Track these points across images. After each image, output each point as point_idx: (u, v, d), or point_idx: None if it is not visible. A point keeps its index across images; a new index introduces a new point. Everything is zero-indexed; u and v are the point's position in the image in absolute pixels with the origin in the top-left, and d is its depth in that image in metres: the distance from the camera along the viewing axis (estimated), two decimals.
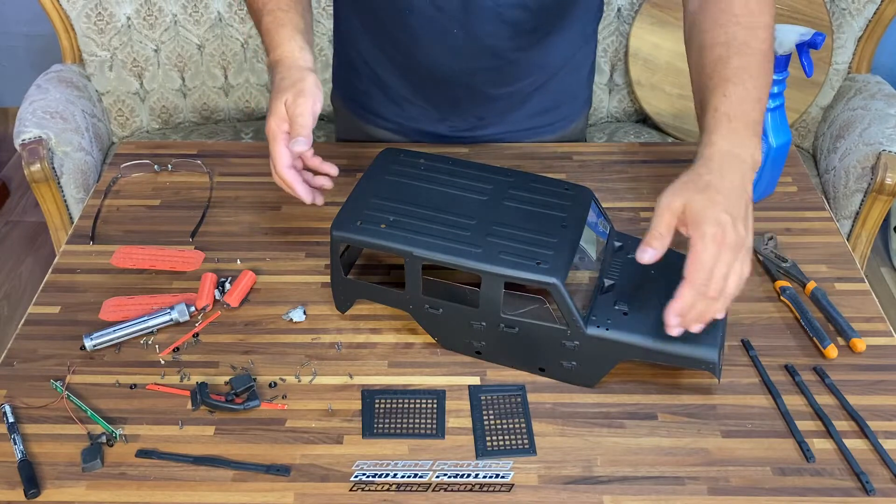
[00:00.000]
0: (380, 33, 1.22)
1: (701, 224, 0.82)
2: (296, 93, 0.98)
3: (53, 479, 0.85)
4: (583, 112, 1.39)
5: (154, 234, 1.17)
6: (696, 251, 0.82)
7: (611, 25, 2.19)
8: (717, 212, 0.82)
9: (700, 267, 0.82)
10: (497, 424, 0.90)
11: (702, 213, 0.82)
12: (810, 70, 1.09)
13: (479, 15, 1.12)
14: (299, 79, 0.99)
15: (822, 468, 0.86)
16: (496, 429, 0.90)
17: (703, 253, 0.81)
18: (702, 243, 0.82)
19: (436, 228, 0.94)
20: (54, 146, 1.92)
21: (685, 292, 0.83)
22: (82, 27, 2.13)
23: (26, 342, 1.01)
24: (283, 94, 0.99)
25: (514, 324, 0.93)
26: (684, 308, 0.83)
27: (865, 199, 1.93)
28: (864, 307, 1.05)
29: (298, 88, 0.98)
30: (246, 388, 0.93)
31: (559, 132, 1.35)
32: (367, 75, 1.28)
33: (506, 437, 0.89)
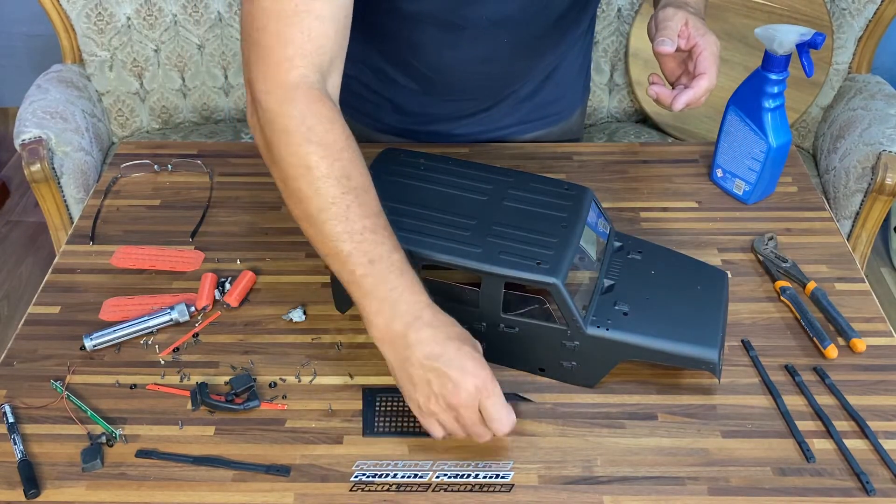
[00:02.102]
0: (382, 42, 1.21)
1: (706, 33, 1.05)
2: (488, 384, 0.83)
3: (53, 480, 0.85)
4: (582, 101, 1.39)
5: (154, 234, 1.17)
6: (710, 49, 1.04)
7: (611, 25, 2.19)
8: (709, 29, 1.06)
9: (715, 60, 1.04)
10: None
11: (702, 25, 1.06)
12: (810, 70, 1.09)
13: (482, 31, 1.12)
14: (470, 335, 0.86)
15: (822, 468, 0.86)
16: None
17: (714, 47, 1.05)
18: (712, 45, 1.04)
19: (436, 228, 0.94)
20: (54, 146, 1.92)
21: (703, 83, 1.04)
22: (82, 27, 2.13)
23: (26, 342, 1.01)
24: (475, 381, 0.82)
25: (514, 324, 0.93)
26: (698, 96, 1.04)
27: (865, 200, 1.93)
28: (864, 307, 1.05)
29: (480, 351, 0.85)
30: (246, 388, 0.93)
31: (560, 124, 1.35)
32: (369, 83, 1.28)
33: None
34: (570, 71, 1.30)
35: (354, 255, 0.84)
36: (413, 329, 0.82)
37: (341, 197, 0.85)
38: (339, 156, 0.87)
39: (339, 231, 0.85)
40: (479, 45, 1.14)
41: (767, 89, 1.13)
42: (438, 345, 0.81)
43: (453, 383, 0.80)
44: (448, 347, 0.81)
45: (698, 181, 1.26)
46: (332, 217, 0.85)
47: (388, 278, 0.83)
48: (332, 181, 0.85)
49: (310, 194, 0.86)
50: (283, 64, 0.88)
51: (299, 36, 0.88)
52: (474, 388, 0.80)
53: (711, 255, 1.13)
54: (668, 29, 1.04)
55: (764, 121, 1.15)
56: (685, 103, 1.04)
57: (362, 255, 0.84)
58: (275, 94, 0.88)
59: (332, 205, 0.85)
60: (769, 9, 2.11)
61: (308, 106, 0.88)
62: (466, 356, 0.81)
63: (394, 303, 0.83)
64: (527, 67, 1.22)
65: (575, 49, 1.28)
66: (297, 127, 0.87)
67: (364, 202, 0.86)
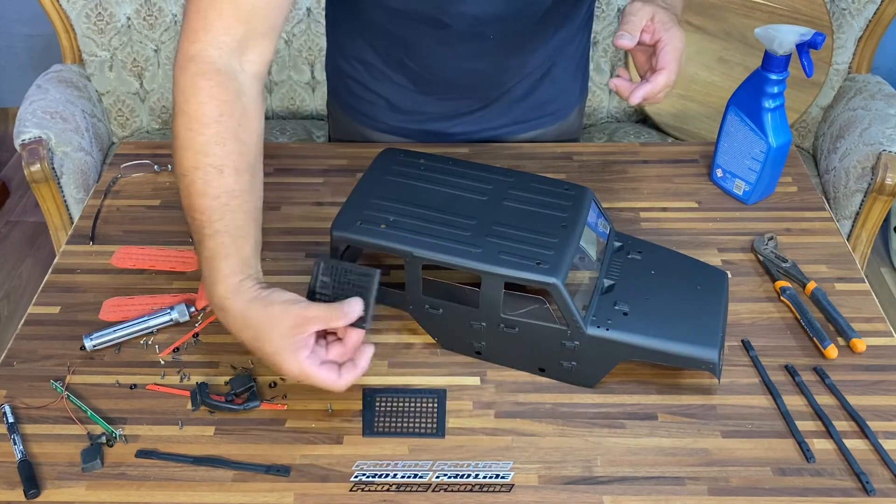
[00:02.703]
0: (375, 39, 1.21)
1: (671, 28, 1.05)
2: (301, 319, 0.84)
3: (53, 480, 0.85)
4: (579, 101, 1.39)
5: (154, 234, 1.17)
6: (672, 44, 1.05)
7: (611, 26, 2.19)
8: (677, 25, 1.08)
9: (676, 56, 1.05)
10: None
11: (669, 21, 1.06)
12: (810, 70, 1.09)
13: (468, 28, 1.12)
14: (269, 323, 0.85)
15: (822, 468, 0.86)
16: None
17: (678, 42, 1.06)
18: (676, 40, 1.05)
19: (436, 228, 0.94)
20: (54, 146, 1.92)
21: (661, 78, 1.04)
22: (82, 27, 2.13)
23: (26, 342, 1.01)
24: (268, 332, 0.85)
25: (514, 324, 0.93)
26: (655, 90, 1.05)
27: (865, 200, 1.93)
28: (864, 307, 1.05)
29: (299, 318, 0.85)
30: (246, 388, 0.93)
31: (558, 123, 1.35)
32: (364, 81, 1.28)
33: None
34: (566, 70, 1.30)
35: (193, 232, 0.89)
36: (223, 316, 0.87)
37: (191, 171, 0.88)
38: (203, 130, 0.89)
39: (186, 204, 0.90)
40: (466, 43, 1.14)
41: (767, 89, 1.13)
42: (244, 339, 0.86)
43: (277, 371, 0.88)
44: (254, 350, 0.86)
45: (698, 181, 1.26)
46: (181, 189, 0.90)
47: (202, 266, 0.89)
48: (189, 154, 0.89)
49: (175, 163, 0.91)
50: (190, 36, 0.93)
51: (210, 13, 0.92)
52: (288, 379, 0.90)
53: (711, 255, 1.13)
54: (630, 23, 1.04)
55: (764, 121, 1.15)
56: (642, 97, 1.05)
57: (195, 233, 0.89)
58: (176, 63, 0.93)
59: (184, 177, 0.89)
60: (769, 9, 2.11)
61: (192, 78, 0.91)
62: (266, 355, 0.85)
63: (207, 288, 0.88)
64: (518, 65, 1.22)
65: (570, 47, 1.27)
66: (178, 97, 0.91)
67: (209, 180, 0.88)
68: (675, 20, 1.07)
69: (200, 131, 0.89)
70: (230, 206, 0.88)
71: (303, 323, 0.84)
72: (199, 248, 0.88)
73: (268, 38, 0.96)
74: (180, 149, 0.89)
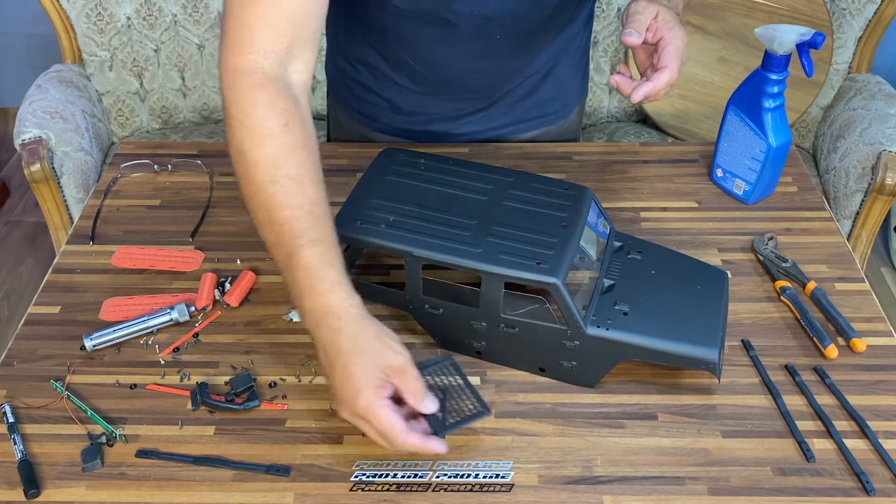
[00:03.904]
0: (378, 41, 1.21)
1: (674, 27, 1.06)
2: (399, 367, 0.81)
3: (53, 479, 0.85)
4: (580, 100, 1.39)
5: (154, 234, 1.17)
6: (674, 44, 1.05)
7: (611, 25, 2.19)
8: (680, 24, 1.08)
9: (678, 55, 1.05)
10: None
11: (672, 20, 1.07)
12: (810, 70, 1.09)
13: (475, 27, 1.12)
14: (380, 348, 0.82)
15: (822, 468, 0.86)
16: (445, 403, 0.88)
17: (680, 41, 1.06)
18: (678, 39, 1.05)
19: (436, 228, 0.94)
20: (54, 146, 1.92)
21: (663, 77, 1.04)
22: (82, 27, 2.13)
23: (26, 342, 1.01)
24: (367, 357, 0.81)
25: (514, 324, 0.93)
26: (657, 89, 1.04)
27: (866, 199, 1.93)
28: (864, 307, 1.05)
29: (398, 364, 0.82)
30: (246, 388, 0.93)
31: (558, 122, 1.35)
32: (366, 82, 1.28)
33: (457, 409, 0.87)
34: (567, 69, 1.30)
35: (276, 246, 0.86)
36: (317, 330, 0.83)
37: (268, 185, 0.86)
38: (270, 142, 0.87)
39: (265, 219, 0.86)
40: (472, 42, 1.14)
41: (767, 89, 1.13)
42: (333, 354, 0.82)
43: (336, 399, 0.82)
44: (337, 363, 0.81)
45: (698, 181, 1.26)
46: (259, 204, 0.86)
47: (297, 276, 0.84)
48: (261, 168, 0.86)
49: (244, 179, 0.88)
50: (236, 48, 0.91)
51: (255, 22, 0.90)
52: (351, 414, 0.81)
53: (711, 255, 1.13)
54: (636, 21, 1.05)
55: (764, 121, 1.15)
56: (643, 95, 1.05)
57: (281, 247, 0.85)
58: (225, 78, 0.91)
59: (259, 192, 0.86)
60: (769, 9, 2.11)
61: (248, 90, 0.89)
62: (350, 379, 0.80)
63: (301, 301, 0.84)
64: (523, 64, 1.22)
65: (572, 46, 1.27)
66: (237, 112, 0.89)
67: (291, 191, 0.86)
68: (677, 19, 1.08)
69: (269, 143, 0.87)
70: (315, 214, 0.86)
71: (397, 372, 0.81)
72: (292, 259, 0.84)
73: (311, 43, 0.95)
74: (249, 164, 0.86)
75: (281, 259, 0.86)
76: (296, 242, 0.84)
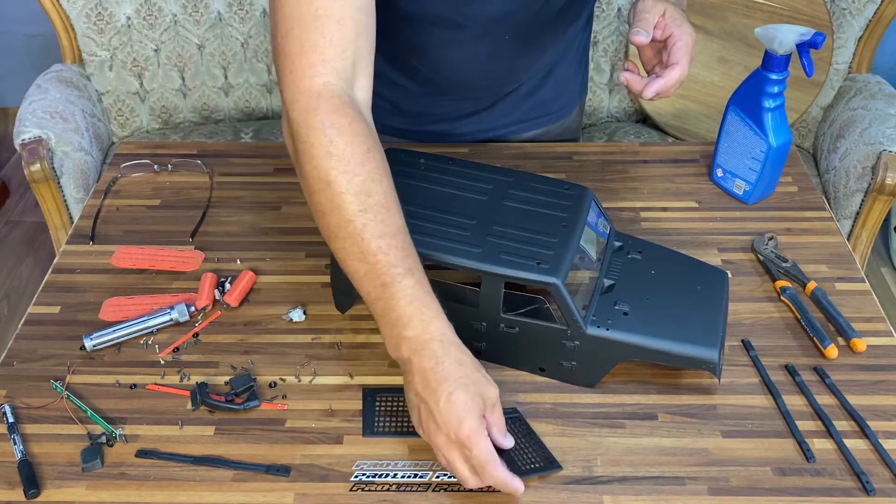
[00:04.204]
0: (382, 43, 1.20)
1: (682, 24, 1.07)
2: (493, 400, 0.81)
3: (53, 479, 0.85)
4: (580, 99, 1.39)
5: (154, 234, 1.17)
6: (684, 40, 1.06)
7: (611, 25, 2.19)
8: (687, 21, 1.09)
9: (688, 51, 1.06)
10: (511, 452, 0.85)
11: (680, 16, 1.08)
12: (811, 70, 1.09)
13: (484, 29, 1.11)
14: (480, 378, 0.82)
15: (822, 468, 0.86)
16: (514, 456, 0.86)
17: (689, 38, 1.07)
18: (687, 35, 1.07)
19: (436, 228, 0.94)
20: (54, 146, 1.92)
21: (674, 73, 1.05)
22: (82, 27, 2.13)
23: (26, 342, 1.01)
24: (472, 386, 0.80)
25: (514, 324, 0.93)
26: (669, 85, 1.06)
27: (866, 199, 1.93)
28: (865, 307, 1.05)
29: (492, 397, 0.81)
30: (246, 388, 0.93)
31: (559, 121, 1.35)
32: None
33: (527, 462, 0.85)
34: (569, 68, 1.30)
35: (369, 276, 0.84)
36: (416, 358, 0.81)
37: (359, 214, 0.83)
38: (359, 170, 0.85)
39: (355, 250, 0.84)
40: (480, 43, 1.14)
41: (767, 89, 1.13)
42: (434, 381, 0.79)
43: (435, 425, 0.79)
44: (441, 388, 0.79)
45: (698, 181, 1.26)
46: (349, 235, 0.84)
47: (397, 304, 0.82)
48: (350, 197, 0.84)
49: (329, 209, 0.85)
50: (307, 71, 0.87)
51: (321, 41, 0.87)
52: (455, 438, 0.78)
53: (711, 255, 1.13)
54: (643, 20, 1.06)
55: (764, 121, 1.15)
56: (655, 91, 1.06)
57: (375, 277, 0.83)
58: (298, 103, 0.87)
59: (350, 222, 0.84)
60: (769, 9, 2.11)
61: (329, 116, 0.86)
62: (456, 405, 0.78)
63: (402, 329, 0.82)
64: (528, 64, 1.22)
65: (574, 46, 1.28)
66: (319, 139, 0.85)
67: (383, 220, 0.84)
68: (684, 16, 1.09)
69: (357, 171, 0.84)
70: (406, 242, 0.85)
71: (491, 405, 0.81)
72: (389, 289, 0.82)
73: (370, 56, 0.92)
74: (337, 195, 0.84)
75: (375, 290, 0.83)
76: (392, 272, 0.82)
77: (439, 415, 0.79)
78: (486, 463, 0.78)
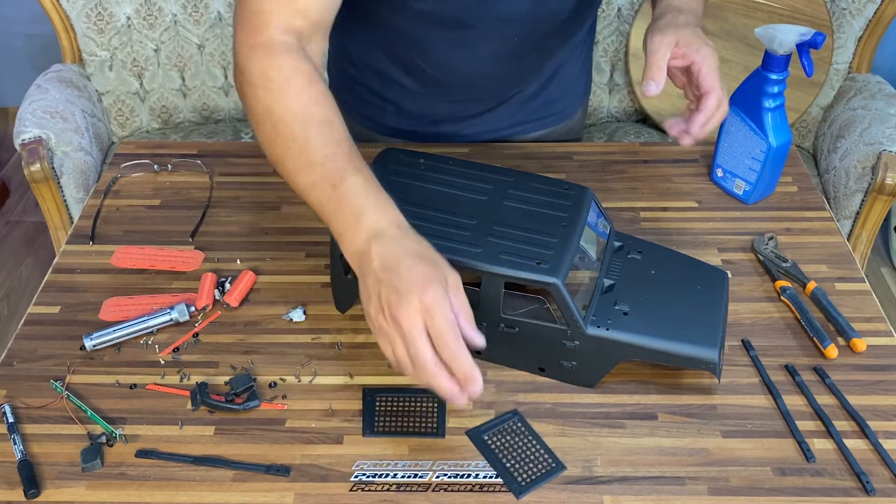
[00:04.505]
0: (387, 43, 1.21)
1: (700, 47, 1.03)
2: (455, 283, 0.80)
3: (53, 479, 0.85)
4: (583, 100, 1.39)
5: (154, 234, 1.17)
6: (708, 64, 1.02)
7: (611, 25, 2.19)
8: (705, 40, 1.05)
9: (716, 74, 1.02)
10: (515, 456, 0.87)
11: (696, 40, 1.04)
12: (811, 70, 1.09)
13: (492, 30, 1.11)
14: (442, 260, 0.82)
15: (822, 468, 0.86)
16: (517, 460, 0.87)
17: (713, 59, 1.03)
18: (710, 58, 1.03)
19: (436, 228, 0.94)
20: (54, 146, 1.92)
21: (711, 101, 1.02)
22: (82, 27, 2.13)
23: (26, 342, 1.01)
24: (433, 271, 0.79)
25: (514, 324, 0.93)
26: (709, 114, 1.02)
27: (866, 199, 1.93)
28: (865, 307, 1.05)
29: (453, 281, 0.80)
30: (246, 388, 0.93)
31: (562, 123, 1.35)
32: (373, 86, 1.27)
33: (530, 465, 0.86)
34: (573, 70, 1.30)
35: (318, 183, 0.86)
36: (375, 243, 0.81)
37: (301, 132, 0.87)
38: (298, 97, 0.89)
39: (303, 163, 0.87)
40: (488, 44, 1.14)
41: (767, 89, 1.13)
42: (394, 258, 0.80)
43: (397, 295, 0.77)
44: (403, 261, 0.79)
45: (698, 181, 1.26)
46: (295, 155, 0.88)
47: (350, 200, 0.84)
48: (290, 119, 0.88)
49: (274, 136, 0.89)
50: (255, 22, 0.92)
51: (270, 7, 0.92)
52: (419, 303, 0.76)
53: (711, 255, 1.13)
54: (653, 67, 1.02)
55: (764, 121, 1.15)
56: (701, 125, 1.03)
57: (324, 182, 0.85)
58: (243, 51, 0.93)
59: (294, 141, 0.87)
60: (769, 9, 2.11)
61: (268, 59, 0.91)
62: (419, 273, 0.78)
63: (357, 221, 0.83)
64: (534, 66, 1.22)
65: (578, 47, 1.28)
66: (257, 80, 0.90)
67: (325, 132, 0.87)
68: (698, 32, 1.05)
69: (297, 97, 0.89)
70: (352, 150, 0.88)
71: (454, 287, 0.79)
72: (339, 189, 0.84)
73: (324, 33, 0.97)
74: (280, 119, 0.88)
75: (325, 194, 0.85)
76: (341, 174, 0.85)
77: (401, 281, 0.77)
78: (449, 329, 0.76)
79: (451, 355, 0.76)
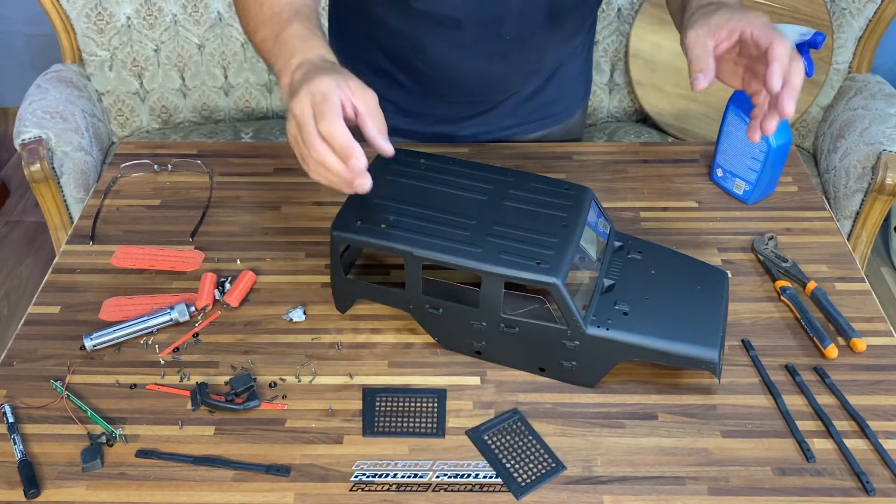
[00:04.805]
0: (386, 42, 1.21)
1: (742, 15, 0.91)
2: (360, 85, 0.85)
3: (53, 479, 0.85)
4: (583, 101, 1.39)
5: (154, 234, 1.17)
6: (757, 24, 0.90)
7: (611, 25, 2.19)
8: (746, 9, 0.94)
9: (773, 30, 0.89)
10: (515, 456, 0.87)
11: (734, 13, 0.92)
12: (811, 70, 1.09)
13: (489, 29, 1.12)
14: (352, 76, 0.86)
15: (822, 468, 0.86)
16: (517, 461, 0.87)
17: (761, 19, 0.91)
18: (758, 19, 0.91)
19: (436, 228, 0.94)
20: (54, 146, 1.92)
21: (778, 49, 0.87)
22: (82, 27, 2.13)
23: (26, 342, 1.01)
24: (333, 74, 0.85)
25: (514, 324, 0.93)
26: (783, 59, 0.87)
27: (866, 199, 1.93)
28: (865, 307, 1.05)
29: (356, 84, 0.86)
30: (246, 388, 0.93)
31: (562, 123, 1.35)
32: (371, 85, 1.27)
33: (530, 465, 0.87)
34: (572, 71, 1.30)
35: (268, 36, 0.94)
36: (299, 71, 0.86)
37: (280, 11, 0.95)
38: None
39: (262, 21, 0.96)
40: (485, 44, 1.14)
41: None
42: (309, 75, 0.84)
43: (297, 96, 0.83)
44: (315, 75, 0.84)
45: (698, 181, 1.26)
46: (255, 13, 0.97)
47: (287, 45, 0.90)
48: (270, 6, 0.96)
49: (246, 11, 0.99)
50: None
51: None
52: (308, 92, 0.82)
53: (711, 255, 1.13)
54: (696, 60, 0.91)
55: None
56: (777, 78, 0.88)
57: (272, 33, 0.93)
58: None
59: (258, 5, 0.96)
60: (769, 9, 2.11)
61: None
62: (319, 79, 0.82)
63: (289, 59, 0.89)
64: (533, 67, 1.22)
65: (578, 49, 1.28)
66: None
67: (297, 9, 0.95)
68: (735, 9, 0.94)
69: None
70: (306, 9, 0.95)
71: (358, 88, 0.84)
72: (281, 37, 0.91)
73: None
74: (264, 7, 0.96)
75: (271, 42, 0.93)
76: (284, 26, 0.92)
77: (307, 86, 0.83)
78: (325, 107, 0.80)
79: (328, 129, 0.81)
